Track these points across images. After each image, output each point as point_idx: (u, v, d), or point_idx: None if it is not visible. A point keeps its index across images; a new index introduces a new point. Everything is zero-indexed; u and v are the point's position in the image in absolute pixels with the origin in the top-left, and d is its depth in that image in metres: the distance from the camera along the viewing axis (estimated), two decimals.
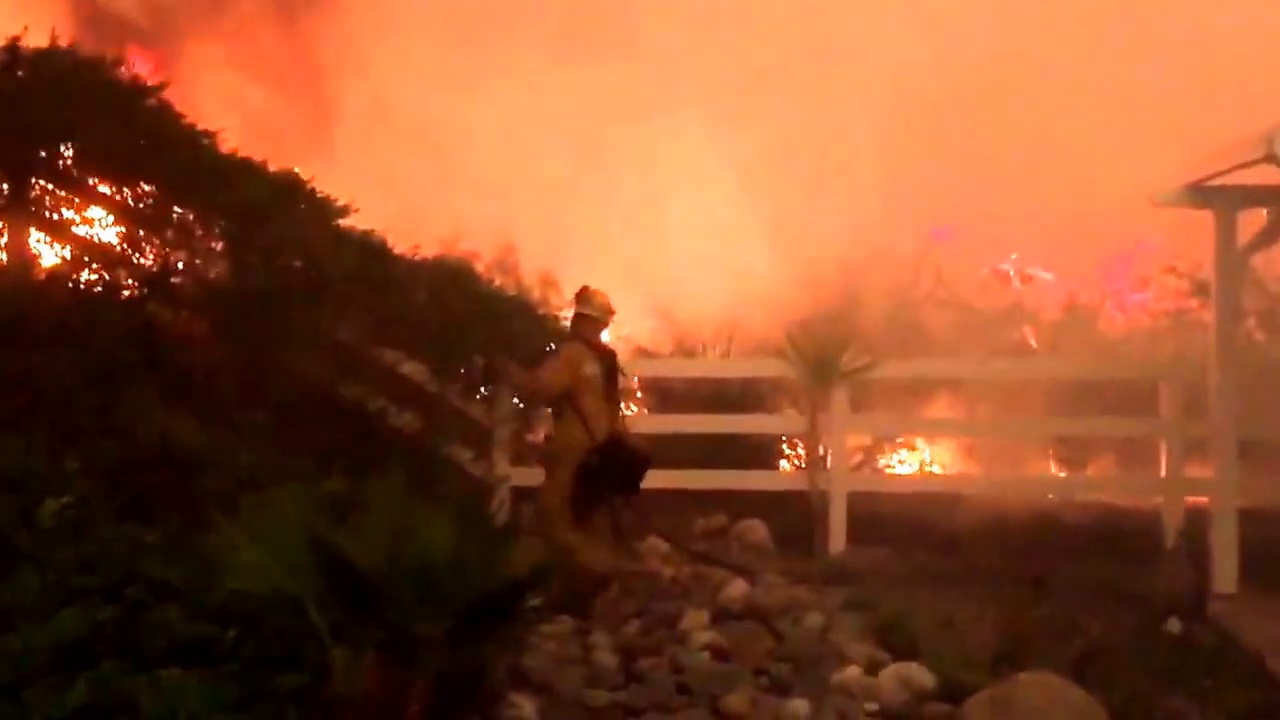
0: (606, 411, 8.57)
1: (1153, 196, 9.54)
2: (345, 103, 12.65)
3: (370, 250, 9.21)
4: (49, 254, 8.48)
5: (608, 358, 8.74)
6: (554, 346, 9.28)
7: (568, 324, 9.14)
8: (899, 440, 12.59)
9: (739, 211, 11.55)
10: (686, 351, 12.28)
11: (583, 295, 8.83)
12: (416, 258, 9.68)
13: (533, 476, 9.35)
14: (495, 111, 12.14)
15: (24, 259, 8.29)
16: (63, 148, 8.14)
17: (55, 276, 8.09)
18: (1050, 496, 11.36)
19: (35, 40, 8.21)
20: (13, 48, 8.07)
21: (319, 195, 8.96)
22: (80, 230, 8.41)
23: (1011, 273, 13.82)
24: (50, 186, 8.27)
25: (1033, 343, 13.37)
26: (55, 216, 8.32)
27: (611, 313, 8.85)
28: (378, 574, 5.44)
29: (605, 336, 8.97)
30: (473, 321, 9.62)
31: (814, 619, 8.04)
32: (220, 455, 7.40)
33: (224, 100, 11.39)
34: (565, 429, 8.51)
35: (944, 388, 11.86)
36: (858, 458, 12.05)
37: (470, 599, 5.62)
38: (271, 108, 12.46)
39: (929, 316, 12.87)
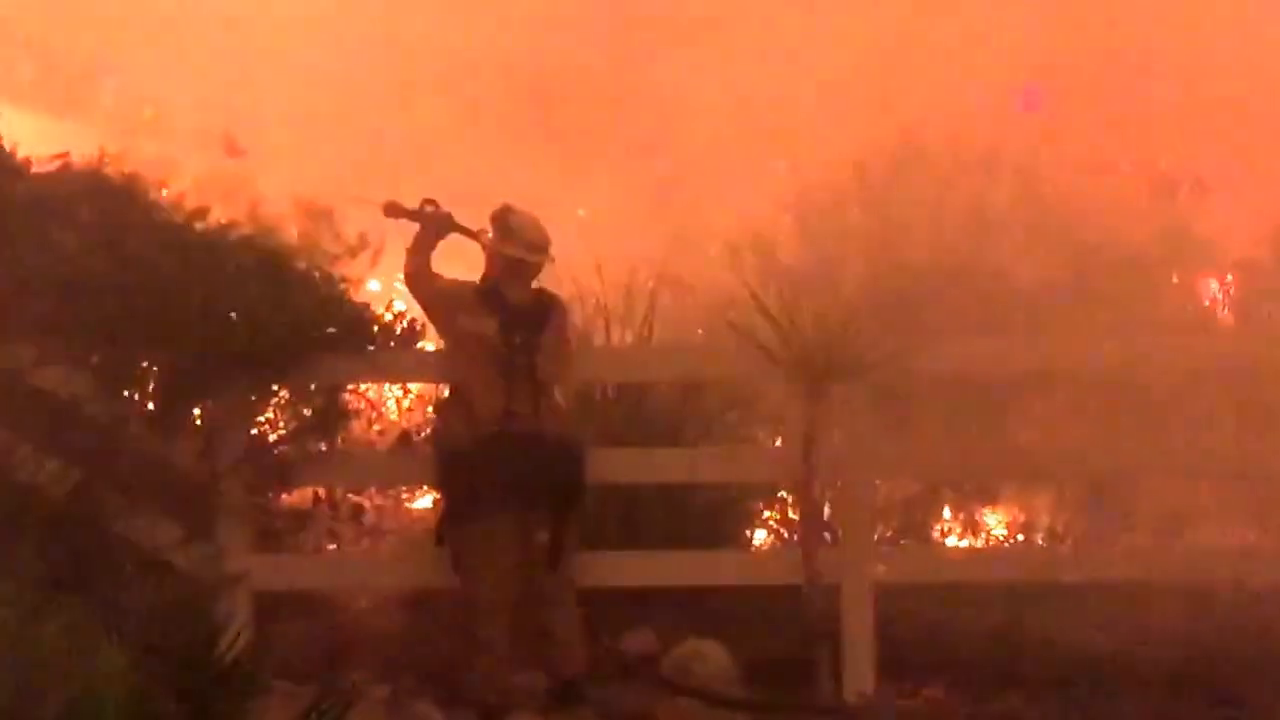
0: (506, 390, 8.73)
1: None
2: None
3: None
4: None
5: (527, 315, 8.93)
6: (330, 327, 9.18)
7: (346, 289, 9.26)
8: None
9: None
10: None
11: (500, 221, 8.93)
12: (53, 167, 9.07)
13: (287, 570, 9.28)
14: None
15: None
16: None
17: None
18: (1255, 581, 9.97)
19: None
20: None
21: None
22: None
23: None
24: None
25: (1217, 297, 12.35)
26: None
27: (543, 249, 8.96)
28: None
29: None
30: (174, 282, 8.66)
31: None
32: None
33: None
34: (442, 415, 9.00)
35: (1043, 389, 10.63)
36: (890, 521, 11.01)
37: None
38: None
39: (1016, 259, 11.51)
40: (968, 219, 11.38)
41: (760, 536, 11.03)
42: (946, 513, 11.52)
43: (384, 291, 10.61)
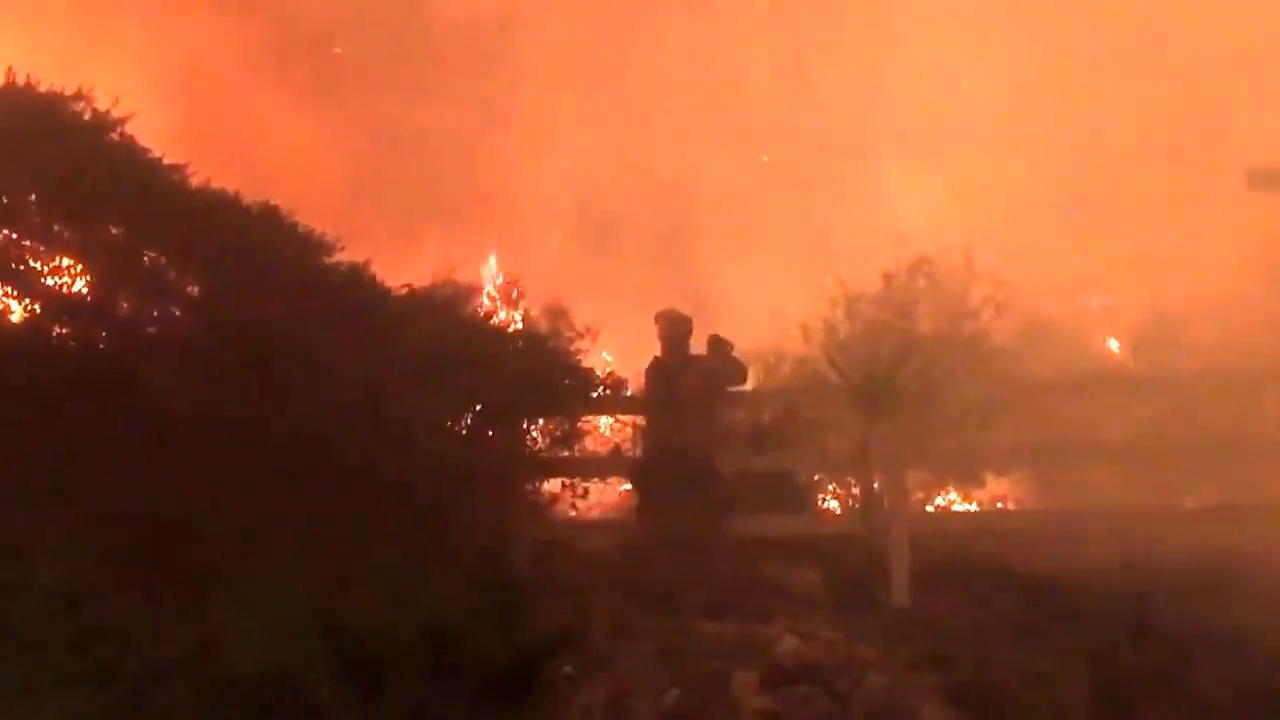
0: (662, 422, 11.38)
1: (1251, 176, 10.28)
2: None
3: (358, 283, 10.70)
4: (16, 308, 9.75)
5: (667, 370, 11.37)
6: (569, 381, 11.89)
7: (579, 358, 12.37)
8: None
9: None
10: None
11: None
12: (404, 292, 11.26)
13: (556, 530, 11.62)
14: None
15: None
16: (28, 193, 9.43)
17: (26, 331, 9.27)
18: (1148, 532, 11.51)
19: None
20: None
21: (300, 228, 10.54)
22: (50, 281, 9.70)
23: None
24: (14, 235, 9.57)
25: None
26: (20, 267, 9.65)
27: (657, 325, 11.55)
28: (387, 647, 6.26)
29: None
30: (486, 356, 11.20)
31: (877, 679, 8.97)
32: (214, 521, 8.41)
33: None
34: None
35: (1008, 413, 12.35)
36: (917, 495, 12.81)
37: (489, 667, 6.38)
38: None
39: (987, 326, 13.68)
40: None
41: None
42: None
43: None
